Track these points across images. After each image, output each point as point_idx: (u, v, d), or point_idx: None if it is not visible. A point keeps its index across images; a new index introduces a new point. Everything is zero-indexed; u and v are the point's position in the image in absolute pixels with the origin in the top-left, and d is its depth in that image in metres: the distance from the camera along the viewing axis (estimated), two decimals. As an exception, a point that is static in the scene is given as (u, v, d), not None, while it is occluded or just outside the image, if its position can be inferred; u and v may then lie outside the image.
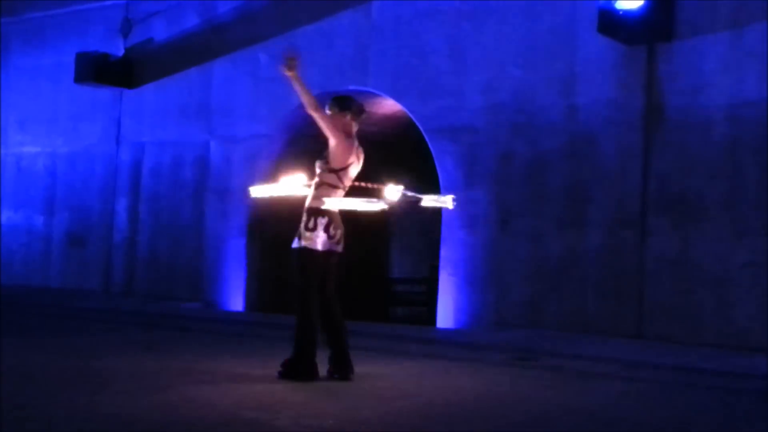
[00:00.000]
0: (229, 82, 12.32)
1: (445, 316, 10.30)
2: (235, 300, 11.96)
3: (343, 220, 6.50)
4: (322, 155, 6.45)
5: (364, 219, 6.70)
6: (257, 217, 11.77)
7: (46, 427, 4.62)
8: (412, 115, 10.84)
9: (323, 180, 6.39)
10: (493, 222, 10.12)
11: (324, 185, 6.39)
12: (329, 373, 6.36)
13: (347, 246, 6.57)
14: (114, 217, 13.31)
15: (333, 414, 5.20)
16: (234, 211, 11.96)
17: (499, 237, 10.07)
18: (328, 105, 6.53)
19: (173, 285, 12.60)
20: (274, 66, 11.82)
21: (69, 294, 12.90)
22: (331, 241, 6.37)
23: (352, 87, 10.75)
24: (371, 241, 12.55)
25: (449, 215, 10.40)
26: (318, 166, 6.43)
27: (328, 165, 6.39)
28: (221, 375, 6.42)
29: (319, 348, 6.40)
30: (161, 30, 13.07)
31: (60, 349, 7.48)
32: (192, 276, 12.41)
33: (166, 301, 12.23)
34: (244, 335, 9.33)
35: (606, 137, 9.51)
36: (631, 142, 9.36)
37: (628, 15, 8.96)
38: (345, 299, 6.66)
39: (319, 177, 6.41)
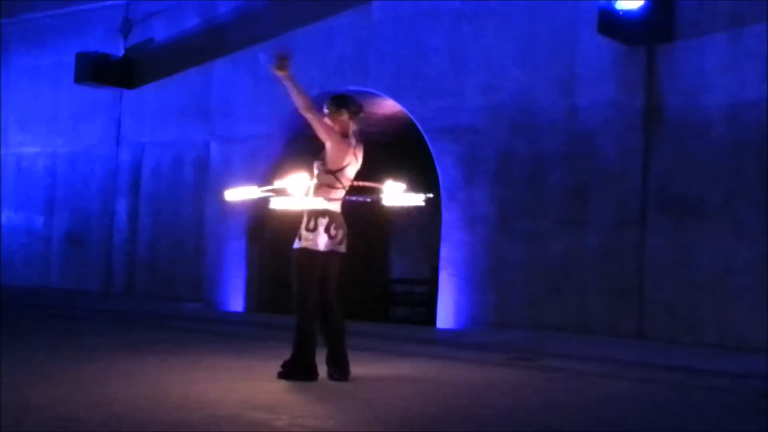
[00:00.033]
0: (229, 82, 12.32)
1: (445, 316, 10.30)
2: (235, 300, 11.96)
3: (345, 220, 6.50)
4: (319, 156, 6.46)
5: (364, 219, 6.69)
6: (257, 218, 11.76)
7: (46, 427, 4.62)
8: (412, 116, 10.84)
9: (321, 181, 6.40)
10: (493, 222, 10.12)
11: (323, 186, 6.39)
12: (329, 374, 6.36)
13: (347, 246, 6.57)
14: (114, 218, 13.31)
15: (333, 414, 5.20)
16: (234, 212, 11.95)
17: (499, 237, 10.07)
18: (326, 104, 6.54)
19: (173, 285, 12.61)
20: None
21: (69, 294, 12.91)
22: (333, 242, 6.36)
23: (352, 87, 10.75)
24: (371, 242, 12.55)
25: (449, 215, 10.41)
26: (315, 167, 6.44)
27: (325, 166, 6.39)
28: (221, 375, 6.42)
29: (319, 348, 6.41)
30: (161, 30, 13.08)
31: (60, 350, 7.48)
32: (192, 276, 12.42)
33: (166, 302, 12.23)
34: (244, 336, 9.33)
35: (606, 137, 9.52)
36: (631, 142, 9.36)
37: (628, 15, 8.97)
38: (345, 300, 6.66)
39: (317, 178, 6.42)
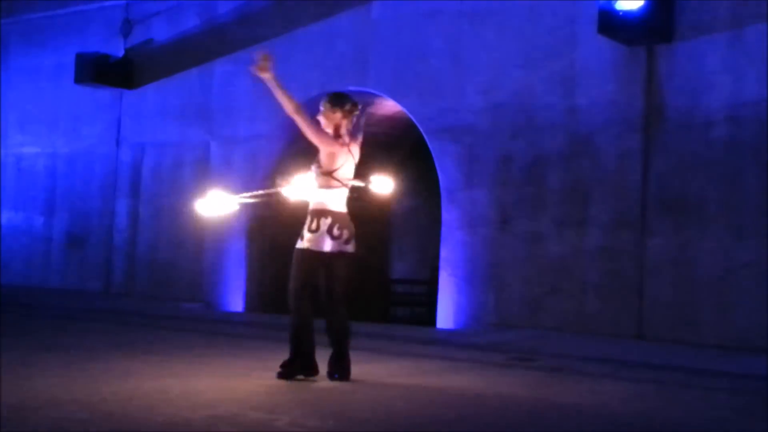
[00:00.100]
0: (230, 82, 12.32)
1: (445, 316, 10.30)
2: (235, 301, 11.96)
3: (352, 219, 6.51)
4: (315, 158, 6.50)
5: (364, 219, 6.70)
6: (257, 218, 11.76)
7: (46, 427, 4.63)
8: (412, 116, 10.84)
9: (321, 183, 6.43)
10: (493, 222, 10.12)
11: (323, 187, 6.41)
12: (329, 374, 6.36)
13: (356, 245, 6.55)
14: (114, 218, 13.31)
15: (333, 414, 5.20)
16: (234, 212, 11.94)
17: (499, 237, 10.08)
18: (321, 101, 6.58)
19: (173, 286, 12.61)
20: (274, 66, 11.84)
21: (69, 294, 12.90)
22: (338, 242, 6.36)
23: (352, 87, 10.74)
24: (371, 242, 12.55)
25: (449, 215, 10.41)
26: (313, 169, 6.48)
27: (321, 168, 6.43)
28: (221, 375, 6.42)
29: (320, 347, 6.41)
30: (161, 30, 13.08)
31: (59, 350, 7.48)
32: (192, 277, 12.42)
33: (166, 302, 12.23)
34: (243, 336, 9.33)
35: (606, 138, 9.52)
36: (631, 142, 9.36)
37: (628, 15, 8.97)
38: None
39: (316, 180, 6.45)
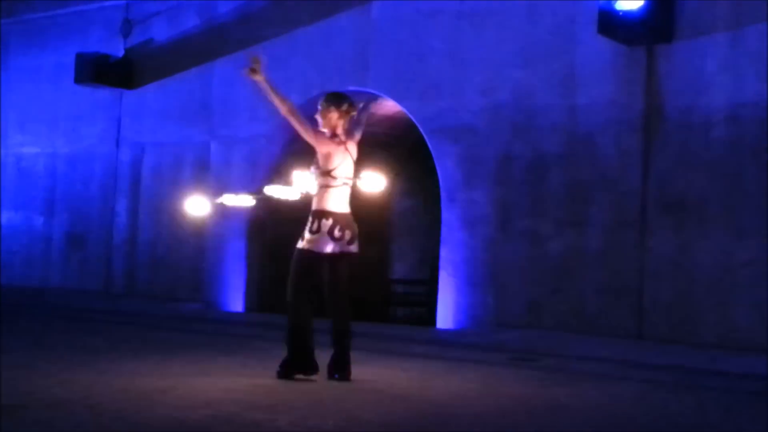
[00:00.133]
0: (230, 82, 12.31)
1: (445, 316, 10.30)
2: (235, 301, 11.96)
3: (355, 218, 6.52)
4: (314, 159, 6.51)
5: (364, 219, 6.70)
6: (257, 219, 11.76)
7: (45, 426, 4.63)
8: (412, 116, 10.84)
9: (320, 183, 6.44)
10: (493, 222, 10.12)
11: (323, 187, 6.42)
12: (329, 374, 6.36)
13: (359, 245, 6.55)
14: (114, 218, 13.31)
15: (333, 415, 5.20)
16: (234, 212, 11.95)
17: (499, 237, 10.07)
18: (320, 101, 6.62)
19: (173, 286, 12.61)
20: (274, 67, 11.84)
21: (69, 295, 12.90)
22: (340, 243, 6.37)
23: (352, 87, 10.74)
24: (371, 242, 12.54)
25: (449, 216, 10.41)
26: (312, 171, 6.50)
27: (319, 168, 6.44)
28: (221, 375, 6.42)
29: (318, 346, 6.42)
30: (161, 30, 13.08)
31: (59, 350, 7.48)
32: (192, 277, 12.41)
33: (166, 302, 12.23)
34: (243, 336, 9.33)
35: (606, 138, 9.52)
36: (631, 142, 9.36)
37: (628, 15, 8.96)
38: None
39: (316, 181, 6.46)
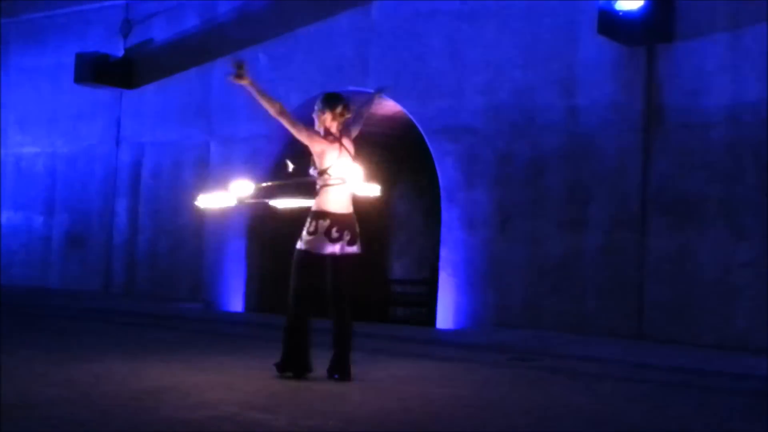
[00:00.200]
0: (229, 82, 12.29)
1: (445, 316, 10.30)
2: (235, 301, 11.96)
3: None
4: (311, 160, 6.52)
5: (364, 219, 6.70)
6: (257, 218, 11.76)
7: (45, 427, 4.63)
8: (411, 116, 10.84)
9: (319, 183, 6.44)
10: (493, 222, 10.12)
11: (322, 187, 6.42)
12: (330, 374, 6.36)
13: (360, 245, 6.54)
14: (114, 218, 13.32)
15: (333, 414, 5.20)
16: (234, 212, 11.95)
17: (499, 237, 10.07)
18: (317, 101, 6.63)
19: (173, 286, 12.61)
20: (274, 67, 11.88)
21: (69, 295, 12.90)
22: (340, 244, 6.36)
23: (351, 87, 10.75)
24: (371, 242, 12.53)
25: (449, 216, 10.41)
26: (311, 172, 6.50)
27: (316, 168, 6.44)
28: (221, 375, 6.42)
29: (317, 346, 6.42)
30: (161, 30, 13.08)
31: (59, 350, 7.48)
32: (192, 277, 12.42)
33: (166, 302, 12.23)
34: (243, 336, 9.33)
35: (606, 138, 9.52)
36: (631, 142, 9.36)
37: (628, 16, 8.97)
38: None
39: (316, 181, 6.46)
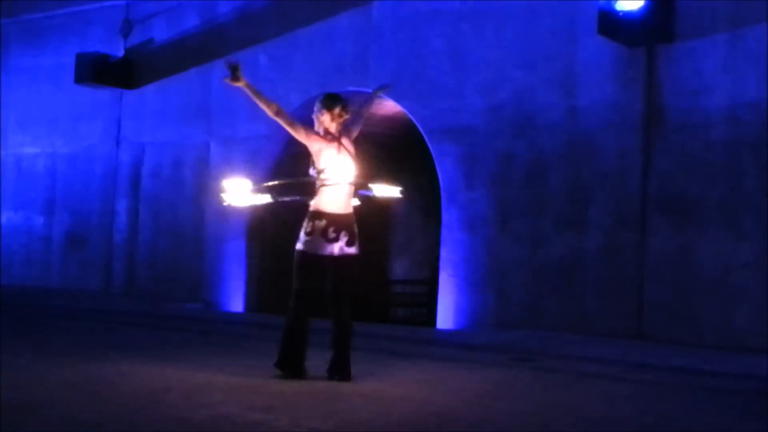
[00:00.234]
0: (225, 84, 12.28)
1: (445, 317, 10.30)
2: (235, 301, 11.96)
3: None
4: (310, 160, 6.52)
5: (364, 220, 6.70)
6: (257, 218, 11.76)
7: (46, 427, 4.63)
8: (411, 116, 10.84)
9: (318, 183, 6.43)
10: (493, 223, 10.12)
11: (321, 187, 6.41)
12: (329, 374, 6.36)
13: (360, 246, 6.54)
14: (114, 218, 13.32)
15: (332, 415, 5.20)
16: (234, 212, 11.94)
17: (499, 238, 10.07)
18: (315, 102, 6.63)
19: (173, 286, 12.61)
20: (274, 67, 11.88)
21: (69, 295, 12.91)
22: (337, 244, 6.35)
23: (352, 88, 10.75)
24: (371, 242, 12.52)
25: (449, 216, 10.41)
26: (310, 172, 6.49)
27: (315, 168, 6.44)
28: (221, 376, 6.42)
29: (317, 346, 6.42)
30: (161, 31, 13.08)
31: (59, 350, 7.48)
32: (192, 277, 12.42)
33: (166, 302, 12.24)
34: (243, 336, 9.34)
35: (606, 138, 9.52)
36: (631, 143, 9.36)
37: (628, 16, 8.97)
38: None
39: (316, 181, 6.45)
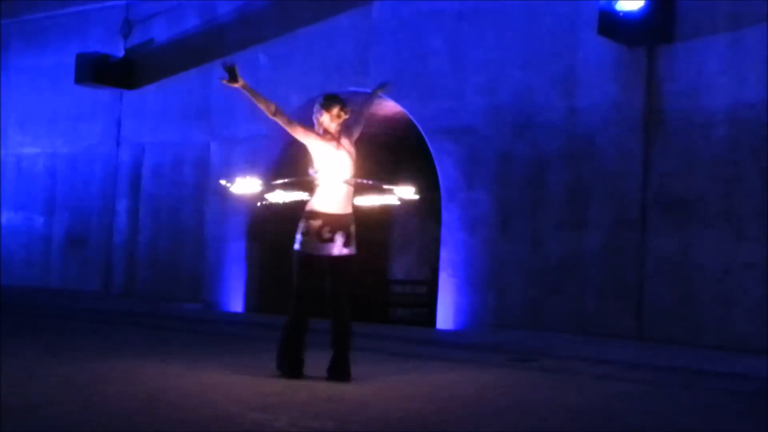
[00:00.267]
0: (223, 85, 12.28)
1: (445, 317, 10.30)
2: (235, 301, 11.96)
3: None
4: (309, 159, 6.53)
5: (364, 220, 6.70)
6: (257, 218, 11.77)
7: (45, 428, 4.63)
8: (412, 116, 10.84)
9: (317, 182, 6.42)
10: (493, 223, 10.12)
11: (316, 187, 6.40)
12: (329, 374, 6.36)
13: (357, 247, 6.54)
14: (114, 218, 13.32)
15: (332, 415, 5.20)
16: (234, 212, 11.96)
17: (499, 238, 10.07)
18: (315, 103, 6.62)
19: (173, 286, 12.61)
20: (274, 67, 11.88)
21: (69, 295, 12.91)
22: (334, 245, 6.34)
23: (352, 88, 10.75)
24: (371, 243, 12.52)
25: (449, 216, 10.41)
26: (309, 172, 6.48)
27: (314, 168, 6.44)
28: (221, 376, 6.42)
29: (317, 347, 6.42)
30: (161, 31, 13.08)
31: (59, 350, 7.48)
32: (192, 277, 12.42)
33: (166, 302, 12.24)
34: (243, 336, 9.33)
35: (606, 138, 9.52)
36: (632, 143, 9.36)
37: (628, 16, 8.97)
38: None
39: (315, 181, 6.45)
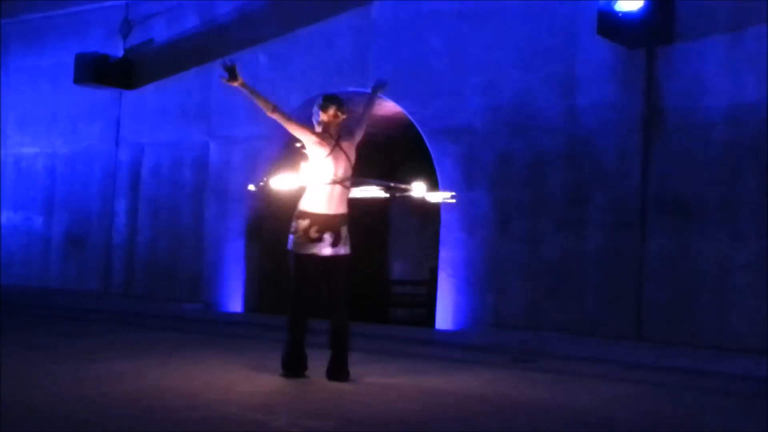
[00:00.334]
0: (223, 84, 12.28)
1: (444, 317, 10.30)
2: (235, 301, 11.96)
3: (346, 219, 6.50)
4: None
5: (363, 220, 6.70)
6: (256, 218, 11.77)
7: (46, 427, 4.63)
8: (411, 117, 10.84)
9: (308, 181, 6.41)
10: (493, 223, 10.12)
11: (308, 186, 6.38)
12: (328, 374, 6.36)
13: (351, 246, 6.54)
14: (113, 218, 13.31)
15: (332, 415, 5.20)
16: (233, 212, 11.96)
17: (499, 238, 10.08)
18: (314, 104, 6.61)
19: (173, 286, 12.61)
20: (274, 67, 11.88)
21: (68, 295, 12.90)
22: (322, 244, 6.31)
23: (351, 88, 10.76)
24: (370, 243, 12.54)
25: (448, 216, 10.41)
26: (300, 170, 6.48)
27: (306, 166, 6.43)
28: (220, 375, 6.43)
29: (317, 347, 6.42)
30: (161, 31, 13.08)
31: (59, 350, 7.48)
32: (191, 277, 12.42)
33: (165, 302, 12.23)
34: (243, 336, 9.33)
35: (605, 139, 9.52)
36: (631, 143, 9.37)
37: (627, 17, 8.98)
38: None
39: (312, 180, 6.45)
